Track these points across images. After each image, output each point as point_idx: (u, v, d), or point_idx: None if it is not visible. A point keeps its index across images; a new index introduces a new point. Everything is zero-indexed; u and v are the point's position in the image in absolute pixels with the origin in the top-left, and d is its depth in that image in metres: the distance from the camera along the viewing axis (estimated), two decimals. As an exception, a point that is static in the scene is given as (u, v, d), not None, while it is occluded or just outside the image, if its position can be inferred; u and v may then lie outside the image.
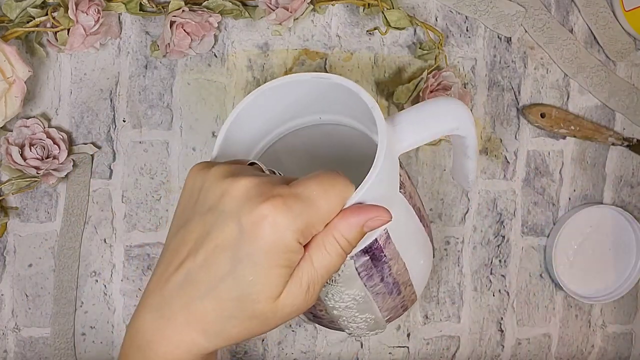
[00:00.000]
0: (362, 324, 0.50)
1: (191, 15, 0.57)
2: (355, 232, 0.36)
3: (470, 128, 0.44)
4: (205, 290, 0.36)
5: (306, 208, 0.34)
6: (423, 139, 0.42)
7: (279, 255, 0.34)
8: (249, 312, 0.36)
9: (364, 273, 0.44)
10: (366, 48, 0.63)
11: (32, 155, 0.56)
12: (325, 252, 0.36)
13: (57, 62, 0.59)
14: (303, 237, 0.35)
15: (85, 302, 0.62)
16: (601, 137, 0.67)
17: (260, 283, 0.35)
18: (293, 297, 0.36)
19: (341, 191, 0.36)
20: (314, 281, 0.37)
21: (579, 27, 0.67)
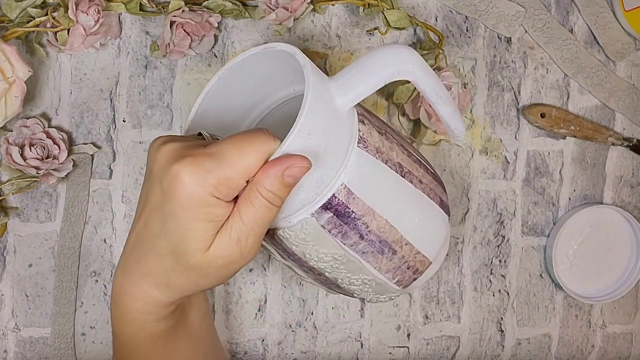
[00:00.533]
0: (364, 286, 0.50)
1: (191, 15, 0.57)
2: (276, 183, 0.38)
3: (413, 71, 0.43)
4: (148, 248, 0.41)
5: (217, 164, 0.37)
6: (366, 89, 0.43)
7: (196, 209, 0.38)
8: (185, 264, 0.39)
9: (334, 230, 0.45)
10: (366, 48, 0.63)
11: (32, 155, 0.56)
12: (251, 205, 0.39)
13: (57, 62, 0.59)
14: (218, 191, 0.38)
15: (85, 302, 0.62)
16: (601, 137, 0.67)
17: (186, 237, 0.38)
18: (223, 250, 0.39)
19: (258, 146, 0.38)
20: (245, 234, 0.39)
21: (579, 27, 0.67)
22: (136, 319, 0.43)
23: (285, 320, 0.65)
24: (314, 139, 0.40)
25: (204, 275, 0.41)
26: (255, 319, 0.64)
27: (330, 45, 0.63)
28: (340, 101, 0.43)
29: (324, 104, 0.41)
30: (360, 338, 0.66)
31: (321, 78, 0.42)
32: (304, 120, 0.39)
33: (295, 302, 0.65)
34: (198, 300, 0.51)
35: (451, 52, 0.65)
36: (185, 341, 0.48)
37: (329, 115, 0.42)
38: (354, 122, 0.44)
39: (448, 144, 0.65)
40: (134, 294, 0.42)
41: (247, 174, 0.38)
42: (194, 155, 0.38)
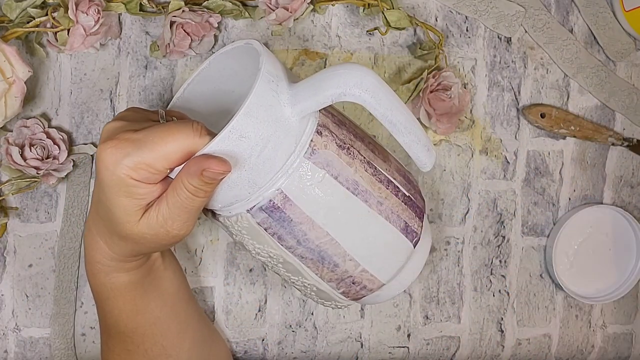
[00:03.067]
0: (305, 289, 0.51)
1: (191, 15, 0.57)
2: (196, 179, 0.41)
3: (360, 95, 0.43)
4: (95, 211, 0.47)
5: (137, 149, 0.41)
6: (314, 104, 0.43)
7: (117, 188, 0.42)
8: (119, 231, 0.44)
9: (270, 230, 0.46)
10: (366, 48, 0.63)
11: (32, 155, 0.56)
12: (175, 193, 0.42)
13: (57, 62, 0.59)
14: (137, 174, 0.41)
15: (85, 303, 0.62)
16: (601, 137, 0.67)
17: (113, 209, 0.43)
18: (149, 227, 0.43)
19: (181, 138, 0.41)
20: (170, 217, 0.43)
21: (579, 27, 0.67)
22: (99, 269, 0.49)
23: (286, 321, 0.65)
24: (246, 142, 0.42)
25: (137, 243, 0.45)
26: (255, 319, 0.64)
27: (330, 45, 0.63)
28: (290, 110, 0.43)
29: (267, 110, 0.42)
30: (360, 338, 0.66)
31: (275, 84, 0.43)
32: (236, 124, 0.41)
33: (295, 303, 0.65)
34: (171, 267, 0.54)
35: (451, 52, 0.65)
36: (160, 303, 0.53)
37: (270, 122, 0.42)
38: (305, 132, 0.44)
39: (448, 144, 0.65)
40: (93, 246, 0.48)
41: (167, 162, 0.41)
42: (118, 139, 0.41)
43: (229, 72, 0.50)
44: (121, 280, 0.49)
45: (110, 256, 0.47)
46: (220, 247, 0.63)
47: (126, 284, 0.50)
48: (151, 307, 0.52)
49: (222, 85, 0.51)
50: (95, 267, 0.49)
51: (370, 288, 0.51)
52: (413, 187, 0.52)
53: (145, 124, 0.44)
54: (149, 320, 0.52)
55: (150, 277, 0.52)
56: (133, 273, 0.50)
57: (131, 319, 0.51)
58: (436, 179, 0.66)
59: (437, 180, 0.66)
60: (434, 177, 0.66)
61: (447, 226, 0.66)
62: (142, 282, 0.51)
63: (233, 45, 0.49)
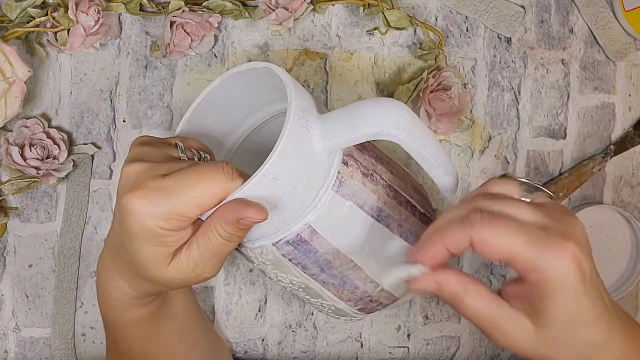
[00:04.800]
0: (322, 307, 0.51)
1: (191, 15, 0.57)
2: (230, 226, 0.40)
3: (397, 135, 0.42)
4: (115, 253, 0.45)
5: (167, 199, 0.39)
6: (347, 141, 0.42)
7: (146, 238, 0.40)
8: (146, 275, 0.43)
9: (294, 261, 0.45)
10: (366, 48, 0.63)
11: (32, 155, 0.56)
12: (207, 239, 0.41)
13: (57, 62, 0.59)
14: (167, 224, 0.39)
15: (85, 303, 0.62)
16: (587, 175, 0.67)
17: (140, 258, 0.41)
18: (178, 272, 0.42)
19: (213, 185, 0.39)
20: (201, 262, 0.42)
21: (579, 27, 0.67)
22: (117, 305, 0.47)
23: (286, 321, 0.65)
24: (278, 184, 0.40)
25: (163, 285, 0.44)
26: (256, 319, 0.64)
27: (330, 45, 0.63)
28: (319, 146, 0.42)
29: (298, 149, 0.41)
30: (360, 338, 0.66)
31: (305, 120, 0.41)
32: (270, 167, 0.39)
33: (295, 303, 0.65)
34: (182, 290, 0.54)
35: (451, 52, 0.65)
36: (171, 327, 0.52)
37: (301, 160, 0.41)
38: (333, 165, 0.43)
39: (448, 144, 0.65)
40: (112, 285, 0.46)
41: (200, 210, 0.40)
42: (146, 189, 0.39)
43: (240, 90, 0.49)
44: (139, 314, 0.48)
45: (130, 295, 0.46)
46: (220, 247, 0.63)
47: (143, 316, 0.49)
48: (163, 332, 0.51)
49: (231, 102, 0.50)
50: (113, 303, 0.47)
51: (386, 304, 0.52)
52: (426, 201, 0.52)
53: (169, 165, 0.41)
54: (161, 344, 0.52)
55: (165, 304, 0.51)
56: (150, 306, 0.49)
57: (143, 346, 0.51)
58: (436, 179, 0.66)
59: (437, 180, 0.66)
60: (434, 177, 0.66)
61: (447, 226, 0.66)
62: (157, 311, 0.50)
63: (248, 66, 0.46)
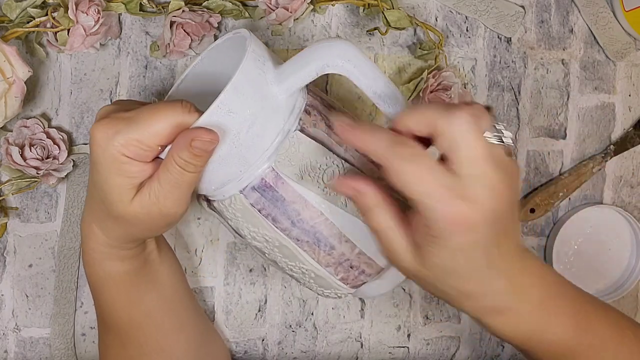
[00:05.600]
0: (304, 276, 0.50)
1: (191, 15, 0.57)
2: (185, 152, 0.42)
3: (343, 65, 0.43)
4: (90, 196, 0.47)
5: (127, 126, 0.42)
6: (298, 80, 0.44)
7: (110, 165, 0.42)
8: (112, 212, 0.44)
9: (264, 211, 0.46)
10: (366, 48, 0.63)
11: (32, 155, 0.56)
12: (166, 169, 0.43)
13: (57, 63, 0.59)
14: (128, 151, 0.42)
15: (85, 303, 0.62)
16: (587, 175, 0.67)
17: (106, 188, 0.44)
18: (142, 206, 0.44)
19: (170, 115, 0.42)
20: (162, 195, 0.43)
21: (579, 27, 0.67)
22: (93, 258, 0.49)
23: (286, 321, 0.65)
24: (234, 117, 0.42)
25: (131, 225, 0.45)
26: (256, 319, 0.64)
27: (330, 46, 0.63)
28: (276, 88, 0.44)
29: (253, 86, 0.43)
30: (360, 338, 0.66)
31: (261, 63, 0.44)
32: (224, 98, 0.42)
33: (295, 303, 0.65)
34: (168, 261, 0.55)
35: (451, 52, 0.65)
36: (154, 297, 0.53)
37: (257, 99, 0.43)
38: (294, 110, 0.45)
39: (448, 144, 0.65)
40: (87, 233, 0.48)
41: (158, 138, 0.42)
42: (110, 117, 0.43)
43: (222, 68, 0.51)
44: (115, 269, 0.50)
45: (104, 242, 0.48)
46: (220, 247, 0.63)
47: (120, 273, 0.50)
48: (145, 300, 0.52)
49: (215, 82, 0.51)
50: (91, 256, 0.49)
51: (369, 273, 0.50)
52: None
53: (135, 106, 0.45)
54: (143, 311, 0.52)
55: (146, 270, 0.52)
56: (127, 262, 0.50)
57: (125, 310, 0.52)
58: (436, 179, 0.66)
59: (437, 180, 0.66)
60: (434, 177, 0.66)
61: (447, 226, 0.66)
62: (136, 273, 0.51)
63: (223, 38, 0.49)
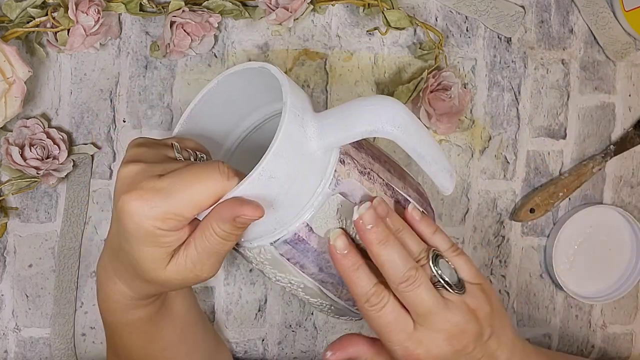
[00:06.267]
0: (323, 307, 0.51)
1: (191, 15, 0.57)
2: (227, 224, 0.40)
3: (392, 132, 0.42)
4: (114, 255, 0.45)
5: (164, 200, 0.39)
6: (343, 139, 0.42)
7: (143, 239, 0.40)
8: (145, 276, 0.43)
9: (292, 260, 0.45)
10: (366, 48, 0.63)
11: (32, 155, 0.56)
12: (204, 238, 0.41)
13: (57, 63, 0.59)
14: (165, 224, 0.39)
15: (85, 303, 0.62)
16: (587, 175, 0.67)
17: (138, 259, 0.41)
18: (177, 273, 0.42)
19: (209, 185, 0.39)
20: (199, 262, 0.42)
21: (579, 27, 0.67)
22: (116, 308, 0.48)
23: (286, 321, 0.65)
24: (275, 182, 0.40)
25: (162, 286, 0.44)
26: (256, 319, 0.64)
27: (330, 45, 0.63)
28: (316, 145, 0.42)
29: (294, 147, 0.41)
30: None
31: (301, 118, 0.41)
32: (266, 165, 0.39)
33: (295, 303, 0.65)
34: (182, 291, 0.54)
35: (451, 52, 0.65)
36: (171, 329, 0.52)
37: (298, 159, 0.41)
38: (330, 163, 0.43)
39: (448, 144, 0.65)
40: (111, 287, 0.47)
41: (196, 209, 0.40)
42: (143, 189, 0.39)
43: (237, 90, 0.49)
44: (138, 316, 0.49)
45: (129, 296, 0.46)
46: (220, 247, 0.63)
47: (142, 318, 0.49)
48: (163, 334, 0.52)
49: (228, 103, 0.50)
50: (112, 305, 0.47)
51: None
52: (425, 200, 0.52)
53: (165, 166, 0.41)
54: (161, 346, 0.52)
55: (164, 306, 0.51)
56: (149, 308, 0.49)
57: (143, 348, 0.51)
58: (436, 179, 0.66)
59: (437, 180, 0.66)
60: (434, 177, 0.66)
61: (447, 226, 0.66)
62: (156, 313, 0.50)
63: (244, 66, 0.46)
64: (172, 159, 0.43)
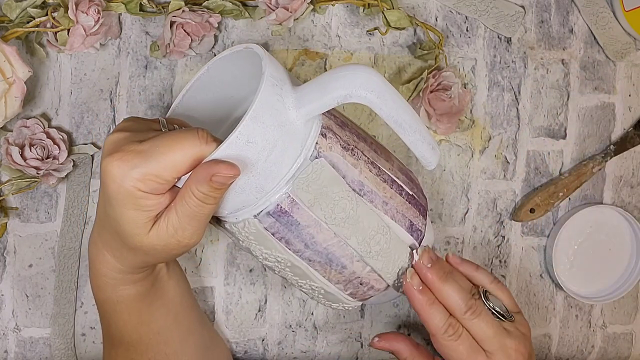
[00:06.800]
0: (313, 292, 0.51)
1: (191, 15, 0.57)
2: (205, 186, 0.41)
3: (366, 96, 0.42)
4: (101, 224, 0.46)
5: (144, 161, 0.40)
6: (319, 107, 0.43)
7: (125, 200, 0.41)
8: (129, 243, 0.43)
9: (277, 235, 0.46)
10: (366, 48, 0.63)
11: (32, 155, 0.56)
12: (184, 202, 0.42)
13: (57, 63, 0.59)
14: (145, 186, 0.40)
15: (85, 303, 0.62)
16: (587, 175, 0.67)
17: (121, 222, 0.42)
18: (160, 238, 0.43)
19: (187, 147, 0.40)
20: (180, 227, 0.42)
21: (579, 27, 0.67)
22: (106, 282, 0.48)
23: (286, 321, 0.65)
24: (253, 147, 0.41)
25: (147, 254, 0.45)
26: (256, 319, 0.64)
27: (330, 45, 0.63)
28: (295, 114, 0.43)
29: (272, 114, 0.42)
30: (360, 338, 0.66)
31: (279, 88, 0.42)
32: (243, 129, 0.40)
33: (295, 303, 0.65)
34: (175, 276, 0.54)
35: (451, 52, 0.65)
36: (164, 312, 0.52)
37: (276, 126, 0.42)
38: (311, 135, 0.44)
39: (448, 144, 0.65)
40: (99, 260, 0.47)
41: (175, 171, 0.41)
42: (123, 151, 0.41)
43: (228, 77, 0.50)
44: (128, 293, 0.49)
45: (118, 269, 0.47)
46: (220, 247, 0.63)
47: (133, 296, 0.49)
48: (156, 317, 0.52)
49: (221, 90, 0.51)
50: (102, 280, 0.48)
51: (378, 288, 0.51)
52: (415, 186, 0.52)
53: (149, 134, 0.43)
54: (154, 329, 0.52)
55: (156, 287, 0.51)
56: (140, 285, 0.49)
57: (136, 329, 0.51)
58: (436, 179, 0.66)
59: (436, 180, 0.66)
60: (434, 177, 0.66)
61: (447, 226, 0.66)
62: (147, 293, 0.50)
63: (232, 49, 0.48)
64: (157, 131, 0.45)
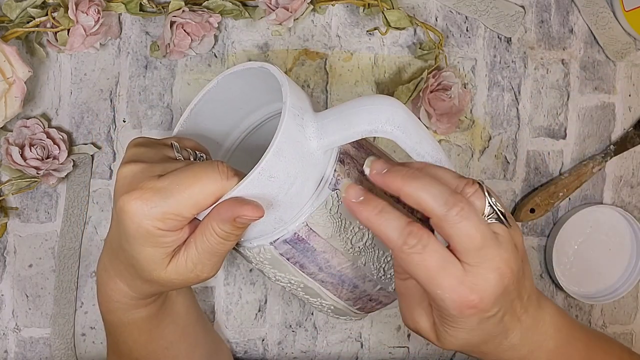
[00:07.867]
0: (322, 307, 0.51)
1: (191, 15, 0.57)
2: (227, 224, 0.39)
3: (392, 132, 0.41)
4: (114, 255, 0.45)
5: (163, 199, 0.39)
6: (343, 139, 0.42)
7: (143, 239, 0.40)
8: (145, 277, 0.42)
9: (292, 260, 0.45)
10: (366, 48, 0.63)
11: (32, 155, 0.56)
12: (205, 238, 0.40)
13: (57, 63, 0.59)
14: (164, 224, 0.39)
15: (85, 303, 0.62)
16: (587, 175, 0.67)
17: (138, 259, 0.41)
18: (178, 273, 0.42)
19: (208, 184, 0.39)
20: (200, 262, 0.41)
21: (579, 27, 0.67)
22: (117, 307, 0.47)
23: (286, 321, 0.65)
24: (274, 182, 0.40)
25: (162, 286, 0.44)
26: (256, 319, 0.64)
27: (330, 45, 0.63)
28: (315, 144, 0.42)
29: (294, 147, 0.40)
30: (360, 338, 0.66)
31: (301, 118, 0.41)
32: (266, 164, 0.39)
33: (295, 303, 0.65)
34: (183, 290, 0.54)
35: (451, 52, 0.65)
36: (172, 328, 0.52)
37: (297, 159, 0.41)
38: (330, 163, 0.43)
39: (448, 144, 0.65)
40: (111, 287, 0.46)
41: (195, 209, 0.40)
42: (142, 189, 0.39)
43: (237, 91, 0.49)
44: (140, 315, 0.49)
45: (130, 296, 0.46)
46: (220, 247, 0.63)
47: (144, 318, 0.49)
48: (165, 334, 0.52)
49: (229, 102, 0.50)
50: (113, 305, 0.47)
51: (386, 303, 0.52)
52: None
53: (165, 166, 0.41)
54: (162, 345, 0.52)
55: (165, 305, 0.51)
56: (151, 307, 0.49)
57: (145, 347, 0.51)
58: (436, 179, 0.66)
59: (437, 180, 0.66)
60: (434, 177, 0.66)
61: (447, 226, 0.66)
62: (157, 312, 0.50)
63: (244, 66, 0.46)
64: (171, 159, 0.43)
